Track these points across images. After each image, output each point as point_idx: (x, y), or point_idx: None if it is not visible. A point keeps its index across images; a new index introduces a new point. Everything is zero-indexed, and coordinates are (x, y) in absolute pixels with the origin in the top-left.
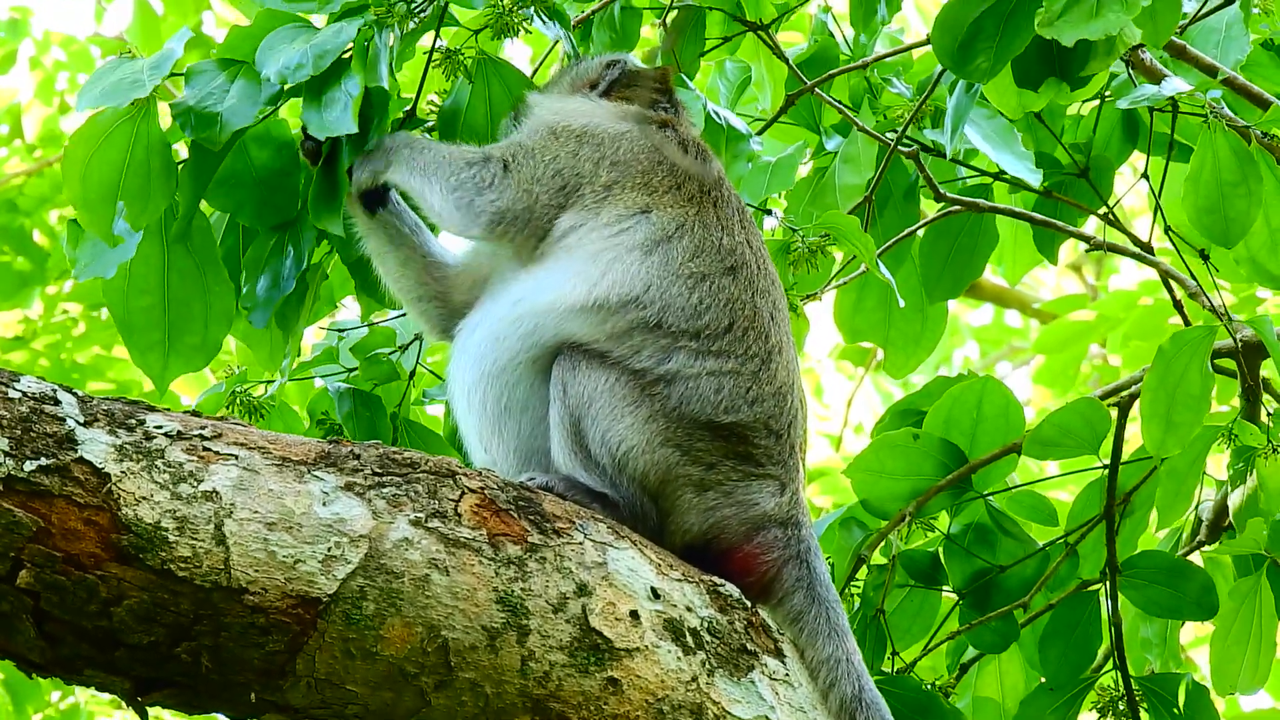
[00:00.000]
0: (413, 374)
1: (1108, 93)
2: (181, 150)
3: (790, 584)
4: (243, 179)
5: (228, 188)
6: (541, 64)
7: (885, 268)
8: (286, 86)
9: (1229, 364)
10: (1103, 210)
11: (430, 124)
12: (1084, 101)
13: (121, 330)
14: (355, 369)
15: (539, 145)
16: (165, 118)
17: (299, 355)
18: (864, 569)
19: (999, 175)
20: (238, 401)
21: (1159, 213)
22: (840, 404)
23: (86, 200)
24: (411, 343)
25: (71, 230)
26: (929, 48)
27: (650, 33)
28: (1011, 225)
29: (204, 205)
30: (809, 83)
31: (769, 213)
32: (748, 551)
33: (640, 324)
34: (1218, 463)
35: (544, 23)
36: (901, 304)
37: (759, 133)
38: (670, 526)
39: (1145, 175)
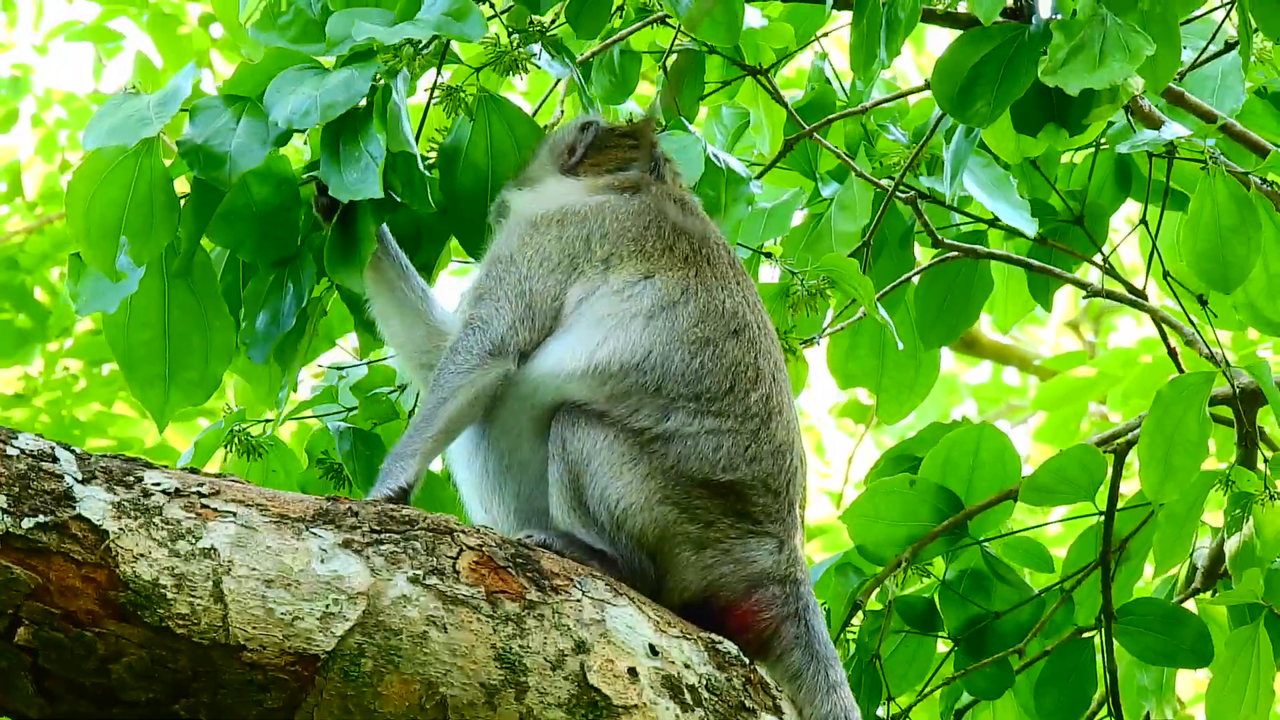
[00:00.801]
0: (411, 413)
1: (1103, 141)
2: (181, 186)
3: (788, 641)
4: (242, 214)
5: (228, 223)
6: (545, 100)
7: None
8: (294, 130)
9: (1225, 412)
10: (1098, 257)
11: (431, 161)
12: (1079, 149)
13: (122, 365)
14: (355, 408)
15: (519, 246)
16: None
17: (295, 390)
18: (860, 614)
19: (994, 223)
20: (236, 440)
21: (1154, 256)
22: (841, 461)
23: (89, 236)
24: (408, 385)
25: (73, 265)
26: (926, 94)
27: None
28: (1004, 274)
29: (204, 241)
30: (807, 127)
31: (768, 256)
32: (746, 609)
33: (639, 388)
34: (1213, 511)
35: (551, 56)
36: (900, 346)
37: (758, 176)
38: (668, 584)
39: (1144, 221)
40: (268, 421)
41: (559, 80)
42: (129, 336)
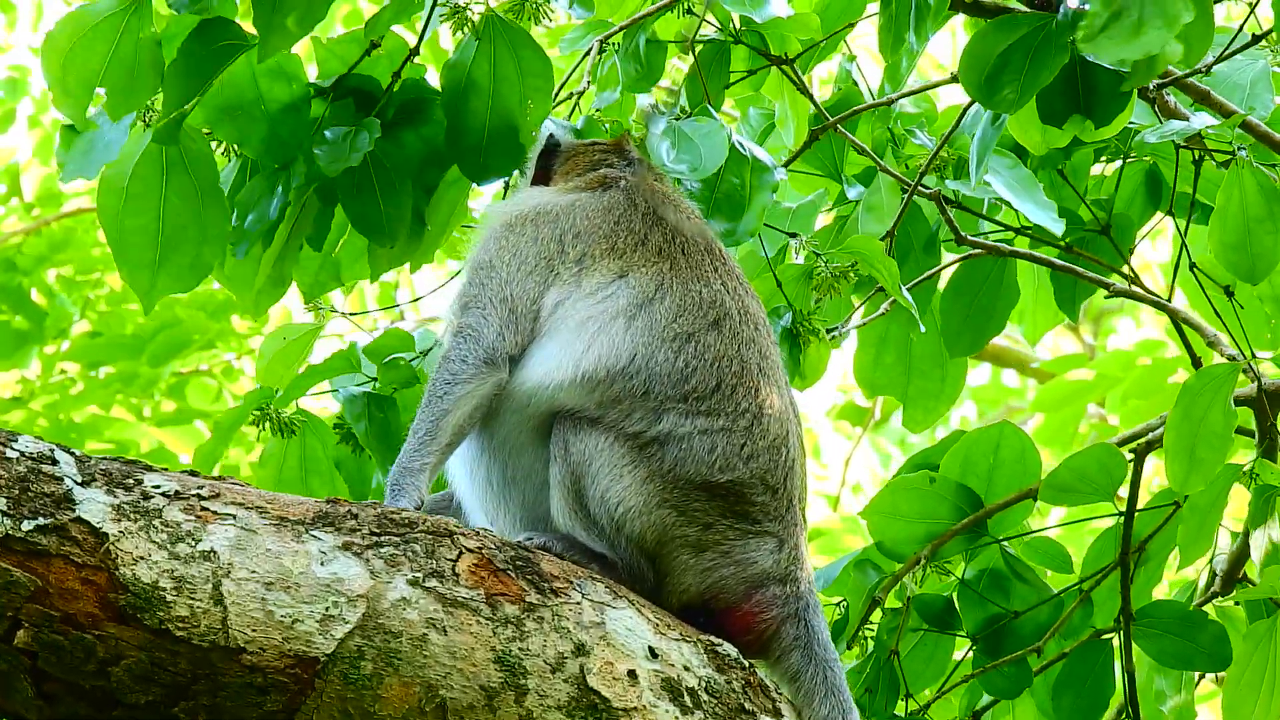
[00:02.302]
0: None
1: (1131, 154)
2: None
3: (788, 642)
4: (251, 111)
5: (234, 119)
6: (572, 74)
7: (903, 323)
8: None
9: (1245, 415)
10: (1125, 269)
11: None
12: (1109, 161)
13: (113, 248)
14: (374, 378)
15: (497, 251)
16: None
17: (284, 289)
18: (878, 611)
19: (1022, 229)
20: (268, 420)
21: (1180, 255)
22: (838, 463)
23: (63, 82)
24: (430, 349)
25: (64, 135)
26: (953, 102)
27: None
28: (1033, 284)
29: (206, 131)
30: (832, 119)
31: (794, 236)
32: (746, 610)
33: (628, 392)
34: (1234, 515)
35: (568, 5)
36: (923, 329)
37: (785, 165)
38: (667, 587)
39: (1170, 213)
40: (279, 397)
41: (588, 51)
42: (122, 222)
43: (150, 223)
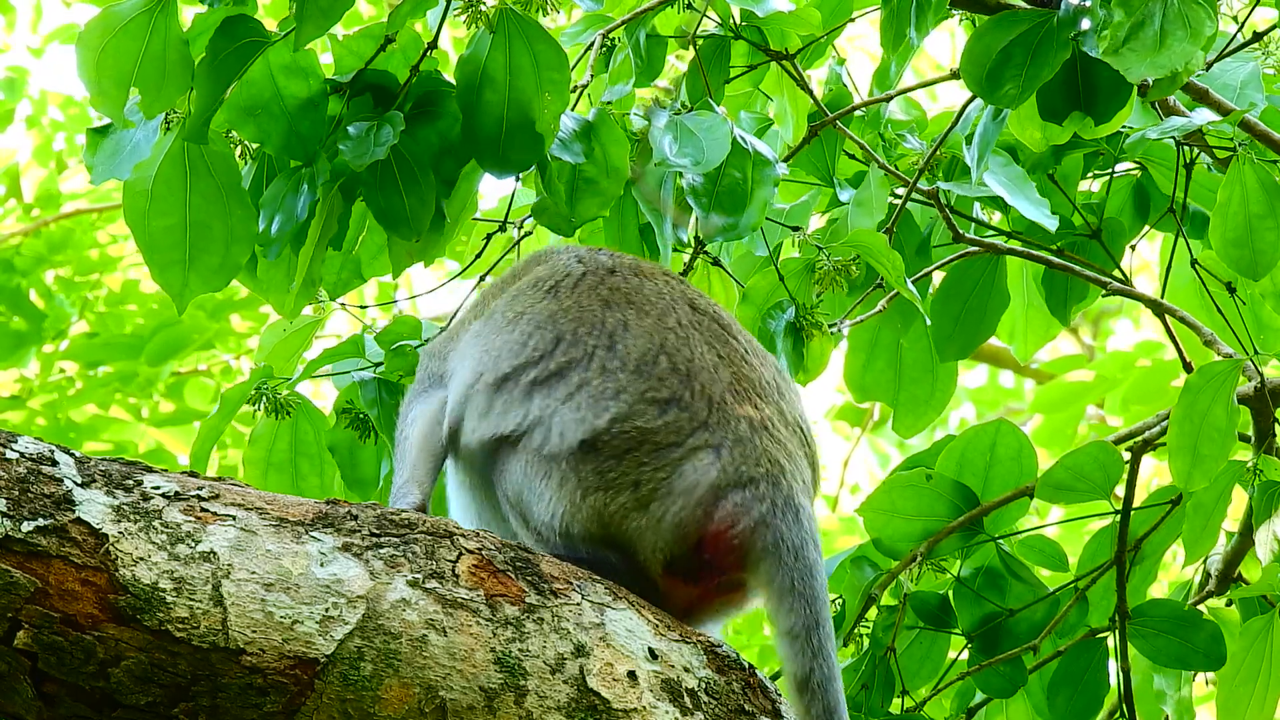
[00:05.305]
0: None
1: (1123, 155)
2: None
3: (757, 553)
4: (270, 109)
5: (254, 117)
6: (579, 61)
7: (894, 328)
8: None
9: (1244, 417)
10: (1117, 272)
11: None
12: (1100, 168)
13: (142, 250)
14: (380, 363)
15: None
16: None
17: (316, 289)
18: (874, 609)
19: (1013, 233)
20: (264, 399)
21: (1186, 249)
22: (837, 464)
23: (99, 84)
24: (437, 335)
25: (90, 139)
26: (943, 107)
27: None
28: (1023, 299)
29: (228, 132)
30: (830, 115)
31: (795, 229)
32: (714, 530)
33: (487, 387)
34: (1230, 515)
35: None
36: (929, 322)
37: (785, 159)
38: (640, 558)
39: (1171, 209)
40: (287, 380)
41: (591, 44)
42: (149, 223)
43: (177, 222)
